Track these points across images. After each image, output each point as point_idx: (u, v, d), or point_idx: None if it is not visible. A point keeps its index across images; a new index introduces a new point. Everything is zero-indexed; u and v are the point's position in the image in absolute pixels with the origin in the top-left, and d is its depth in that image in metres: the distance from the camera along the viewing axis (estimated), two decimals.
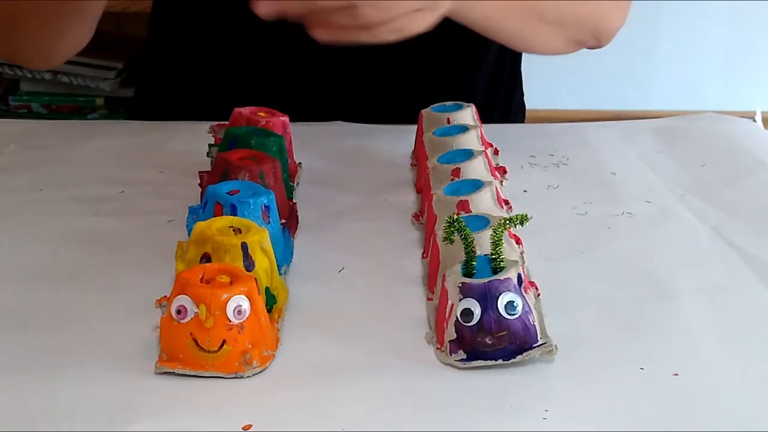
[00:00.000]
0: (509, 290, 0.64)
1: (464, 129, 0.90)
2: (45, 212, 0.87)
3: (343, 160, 0.99)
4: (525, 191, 0.92)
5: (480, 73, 1.15)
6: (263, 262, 0.69)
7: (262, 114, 0.90)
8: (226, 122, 0.91)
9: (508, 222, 0.66)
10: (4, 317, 0.71)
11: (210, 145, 0.90)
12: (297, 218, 0.83)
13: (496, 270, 0.66)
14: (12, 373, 0.64)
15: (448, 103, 0.96)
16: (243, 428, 0.59)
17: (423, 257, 0.79)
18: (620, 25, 1.00)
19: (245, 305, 0.63)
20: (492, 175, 0.84)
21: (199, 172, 0.86)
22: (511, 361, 0.64)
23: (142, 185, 0.91)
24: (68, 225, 0.85)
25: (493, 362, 0.64)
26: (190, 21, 1.14)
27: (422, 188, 0.87)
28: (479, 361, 0.64)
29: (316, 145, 1.00)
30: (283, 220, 0.79)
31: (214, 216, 0.73)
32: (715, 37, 2.94)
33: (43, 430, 0.59)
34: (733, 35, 2.94)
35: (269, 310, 0.67)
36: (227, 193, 0.74)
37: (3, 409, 0.61)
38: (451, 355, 0.64)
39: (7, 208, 0.88)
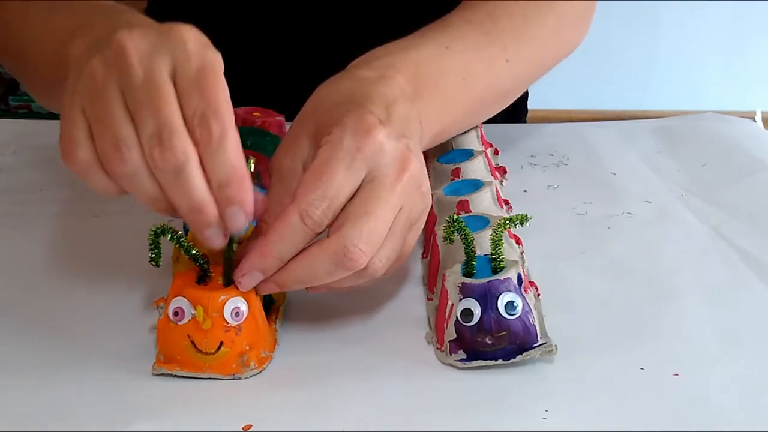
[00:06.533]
0: (509, 290, 0.64)
1: None
2: (45, 212, 0.87)
3: None
4: (525, 191, 0.92)
5: None
6: None
7: (257, 114, 0.89)
8: None
9: (508, 222, 0.66)
10: (3, 317, 0.71)
11: None
12: None
13: (496, 270, 0.66)
14: (11, 374, 0.64)
15: None
16: (243, 428, 0.58)
17: (423, 257, 0.78)
18: (584, 35, 0.93)
19: (243, 307, 0.63)
20: (492, 175, 0.84)
21: None
22: (511, 361, 0.63)
23: None
24: (68, 225, 0.85)
25: (493, 362, 0.64)
26: (183, 18, 1.14)
27: None
28: (479, 361, 0.64)
29: None
30: None
31: None
32: (715, 37, 2.94)
33: (43, 430, 0.59)
34: (733, 35, 2.95)
35: (267, 311, 0.67)
36: None
37: (3, 409, 0.61)
38: (451, 355, 0.64)
39: (7, 208, 0.88)
